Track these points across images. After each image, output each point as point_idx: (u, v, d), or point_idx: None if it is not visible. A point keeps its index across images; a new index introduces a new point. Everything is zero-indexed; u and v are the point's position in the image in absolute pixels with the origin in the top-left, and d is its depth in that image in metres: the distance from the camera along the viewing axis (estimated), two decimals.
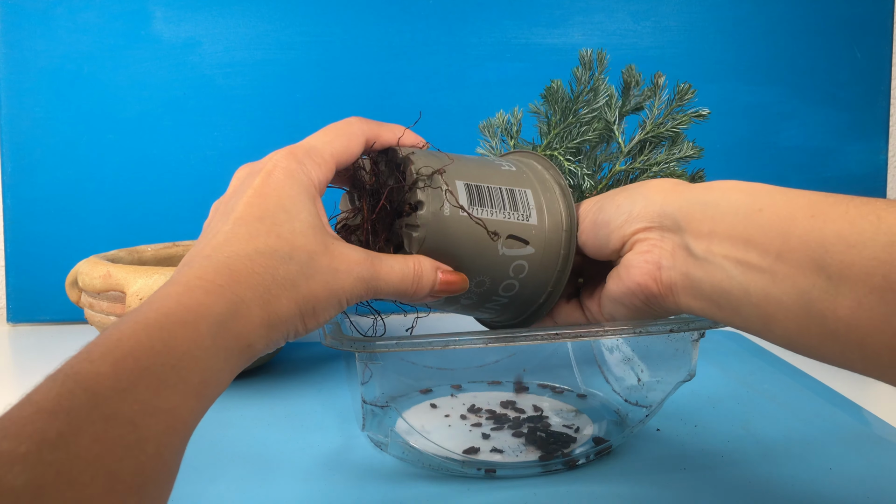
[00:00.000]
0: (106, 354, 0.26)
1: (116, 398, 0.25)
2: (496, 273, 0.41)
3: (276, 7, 0.87)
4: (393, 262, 0.37)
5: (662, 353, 0.50)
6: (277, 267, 0.32)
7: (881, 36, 0.94)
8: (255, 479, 0.47)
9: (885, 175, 0.95)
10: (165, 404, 0.26)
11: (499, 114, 0.60)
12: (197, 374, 0.28)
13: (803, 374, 0.66)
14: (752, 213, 0.34)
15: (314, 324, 0.34)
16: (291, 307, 0.32)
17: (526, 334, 0.42)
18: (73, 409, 0.24)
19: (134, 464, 0.24)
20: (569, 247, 0.42)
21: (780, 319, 0.32)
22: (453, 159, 0.41)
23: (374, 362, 0.43)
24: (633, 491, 0.45)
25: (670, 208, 0.37)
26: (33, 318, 0.87)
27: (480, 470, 0.47)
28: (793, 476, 0.47)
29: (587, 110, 0.56)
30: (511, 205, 0.40)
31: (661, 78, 0.58)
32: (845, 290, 0.29)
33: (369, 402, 0.45)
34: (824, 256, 0.30)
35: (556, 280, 0.42)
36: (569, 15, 0.90)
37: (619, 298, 0.40)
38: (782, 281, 0.31)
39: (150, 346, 0.27)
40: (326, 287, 0.34)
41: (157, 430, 0.25)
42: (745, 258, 0.33)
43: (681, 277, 0.36)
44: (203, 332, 0.28)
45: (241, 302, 0.30)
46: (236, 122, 0.87)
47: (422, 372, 0.61)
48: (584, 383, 0.61)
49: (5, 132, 0.85)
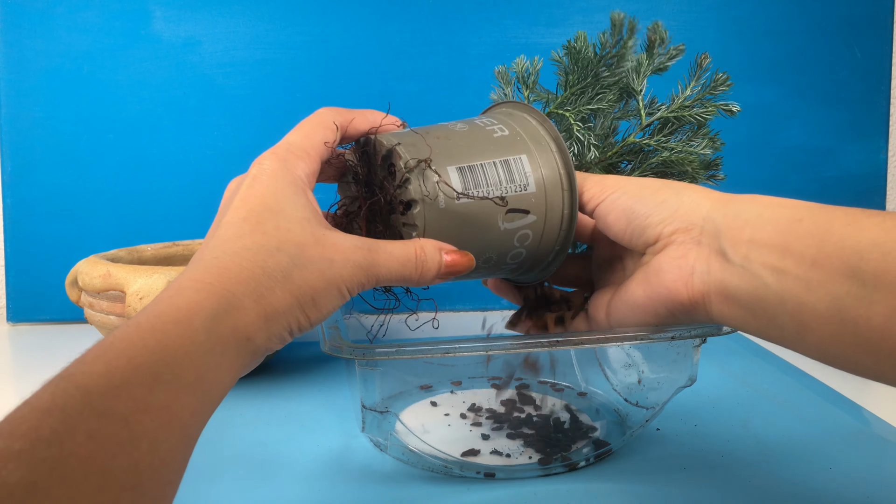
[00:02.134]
0: (99, 356, 0.26)
1: (109, 395, 0.25)
2: (502, 246, 0.40)
3: (276, 7, 0.87)
4: (392, 248, 0.36)
5: (664, 356, 0.50)
6: (266, 259, 0.32)
7: (881, 35, 0.94)
8: (255, 480, 0.47)
9: (885, 175, 0.95)
10: (159, 401, 0.26)
11: (518, 59, 0.57)
12: (192, 371, 0.28)
13: (803, 374, 0.66)
14: (792, 222, 0.34)
15: (317, 315, 0.34)
16: (287, 298, 0.32)
17: (527, 342, 0.42)
18: (66, 406, 0.24)
19: (127, 461, 0.24)
20: (571, 206, 0.41)
21: (813, 328, 0.32)
22: (441, 138, 0.40)
23: (373, 368, 0.43)
24: (633, 490, 0.45)
25: (716, 214, 0.37)
26: (33, 317, 0.87)
27: (479, 473, 0.47)
28: (793, 476, 0.47)
29: (609, 73, 0.54)
30: (507, 177, 0.39)
31: (707, 60, 0.55)
32: (879, 298, 0.29)
33: (369, 406, 0.45)
34: (859, 263, 0.30)
35: (563, 238, 0.42)
36: (568, 14, 0.90)
37: (644, 304, 0.39)
38: (816, 288, 0.31)
39: (143, 344, 0.27)
40: (322, 276, 0.33)
41: (150, 427, 0.25)
42: (781, 265, 0.33)
43: (715, 285, 0.36)
44: (196, 327, 0.28)
45: (233, 296, 0.30)
46: (236, 121, 0.87)
47: (422, 368, 0.61)
48: (584, 381, 0.61)
49: (5, 132, 0.85)
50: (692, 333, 0.44)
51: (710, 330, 0.44)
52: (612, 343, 0.43)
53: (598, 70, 0.54)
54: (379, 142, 0.39)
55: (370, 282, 0.36)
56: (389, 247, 0.36)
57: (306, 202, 0.35)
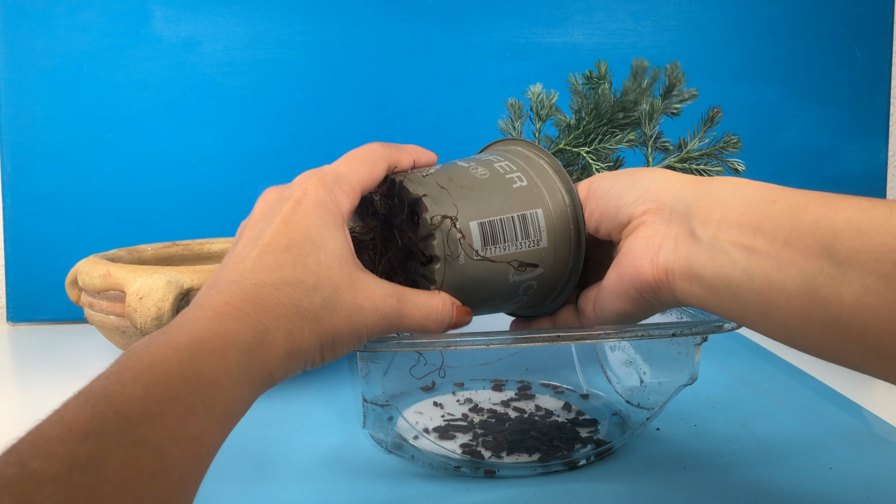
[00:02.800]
0: (137, 378, 0.27)
1: (147, 424, 0.25)
2: (506, 296, 0.42)
3: (276, 6, 0.87)
4: (417, 300, 0.37)
5: (665, 356, 0.50)
6: (302, 298, 0.32)
7: (881, 35, 0.94)
8: (255, 479, 0.47)
9: (884, 174, 0.95)
10: (191, 432, 0.27)
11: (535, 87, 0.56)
12: (222, 404, 0.28)
13: (803, 374, 0.66)
14: (764, 203, 0.34)
15: (332, 356, 0.34)
16: (312, 339, 0.33)
17: (527, 336, 0.42)
18: (104, 432, 0.24)
19: (159, 490, 0.25)
20: (577, 259, 0.42)
21: (781, 307, 0.32)
22: (464, 188, 0.40)
23: (375, 361, 0.43)
24: (633, 490, 0.45)
25: (686, 193, 0.37)
26: (33, 317, 0.87)
27: (479, 470, 0.47)
28: (793, 476, 0.47)
29: (624, 116, 0.54)
30: (523, 234, 0.41)
31: (718, 115, 0.55)
32: (853, 276, 0.29)
33: (370, 400, 0.45)
34: (833, 242, 0.30)
35: (564, 286, 0.44)
36: (569, 14, 0.90)
37: (615, 288, 0.39)
38: (788, 266, 0.31)
39: (181, 371, 0.27)
40: (349, 323, 0.34)
41: (182, 459, 0.26)
42: (752, 244, 0.33)
43: (680, 262, 0.36)
44: (231, 361, 0.29)
45: (267, 331, 0.31)
46: (236, 121, 0.87)
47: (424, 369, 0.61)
48: (586, 383, 0.61)
49: (5, 132, 0.85)
50: (693, 330, 0.44)
51: (711, 328, 0.44)
52: (611, 339, 0.43)
53: (615, 115, 0.54)
54: (405, 189, 0.40)
55: (391, 330, 0.37)
56: (416, 298, 0.37)
57: (345, 240, 0.36)
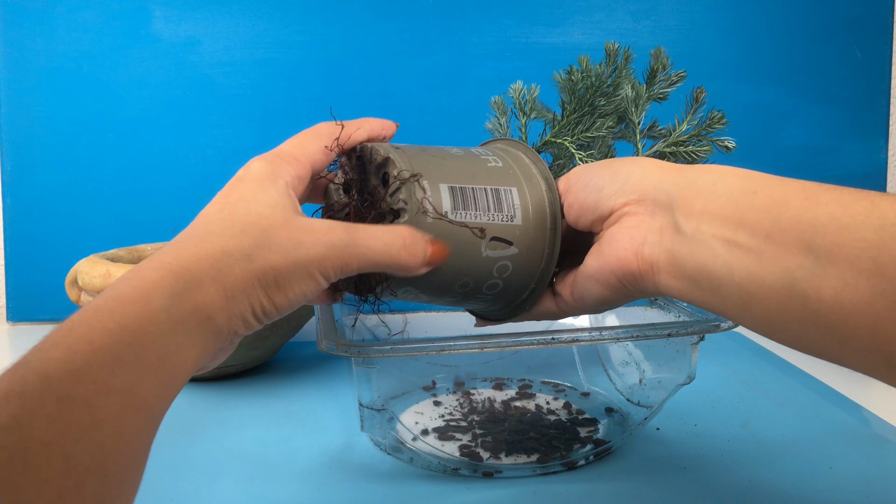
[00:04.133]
0: (58, 342, 0.26)
1: (70, 379, 0.25)
2: (480, 274, 0.40)
3: (276, 6, 0.87)
4: (374, 230, 0.36)
5: (663, 354, 0.50)
6: (227, 241, 0.32)
7: (881, 35, 0.94)
8: (255, 479, 0.47)
9: (884, 174, 0.95)
10: (121, 383, 0.26)
11: (516, 84, 0.57)
12: (153, 351, 0.27)
13: (803, 374, 0.66)
14: (746, 194, 0.33)
15: (283, 299, 0.33)
16: (248, 277, 0.32)
17: (521, 339, 0.42)
18: (25, 392, 0.24)
19: (91, 445, 0.24)
20: (553, 245, 0.42)
21: (760, 300, 0.32)
22: (437, 157, 0.40)
23: (369, 367, 0.43)
24: (633, 490, 0.45)
25: (667, 184, 0.37)
26: (33, 317, 0.87)
27: (478, 472, 0.47)
28: (793, 475, 0.47)
29: (605, 103, 0.54)
30: (496, 206, 0.40)
31: (703, 94, 0.55)
32: (832, 271, 0.29)
33: (366, 405, 0.45)
34: (814, 237, 0.30)
35: (540, 276, 0.42)
36: (569, 14, 0.90)
37: (596, 275, 0.39)
38: (769, 261, 0.31)
39: (102, 327, 0.27)
40: (287, 257, 0.32)
41: (113, 410, 0.25)
42: (733, 238, 0.33)
43: (664, 254, 0.36)
44: (155, 306, 0.28)
45: (191, 274, 0.30)
46: (236, 121, 0.87)
47: (425, 368, 0.61)
48: (587, 381, 0.61)
49: (5, 132, 0.85)
50: (689, 330, 0.44)
51: (707, 327, 0.44)
52: (606, 341, 0.43)
53: (595, 100, 0.54)
54: (375, 150, 0.40)
55: (350, 264, 0.34)
56: (371, 229, 0.35)
57: (285, 195, 0.35)
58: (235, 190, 0.35)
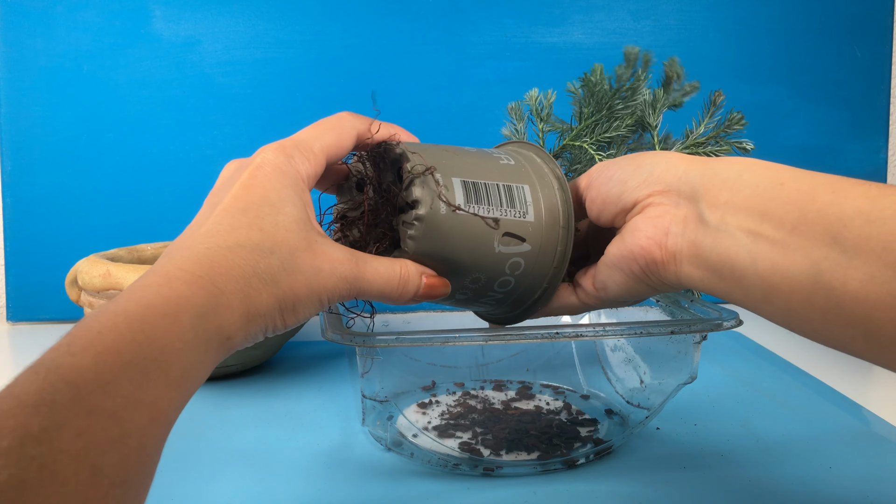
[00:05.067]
0: (87, 347, 0.26)
1: (99, 392, 0.25)
2: (492, 270, 0.40)
3: (276, 6, 0.87)
4: (378, 265, 0.37)
5: (664, 355, 0.50)
6: (258, 260, 0.32)
7: (881, 34, 0.94)
8: (255, 478, 0.47)
9: (885, 174, 0.95)
10: (147, 397, 0.26)
11: (532, 91, 0.58)
12: (178, 367, 0.28)
13: (803, 373, 0.66)
14: (772, 186, 0.33)
15: (293, 320, 0.34)
16: (271, 302, 0.32)
17: (525, 333, 0.42)
18: (55, 402, 0.24)
19: (117, 457, 0.24)
20: (566, 243, 0.42)
21: (783, 291, 0.32)
22: (450, 153, 0.40)
23: (374, 357, 0.43)
24: (633, 490, 0.45)
25: (691, 175, 0.37)
26: (33, 316, 0.87)
27: (478, 468, 0.47)
28: (793, 475, 0.47)
29: (623, 106, 0.55)
30: (508, 202, 0.40)
31: (721, 98, 0.56)
32: (858, 264, 0.29)
33: (369, 396, 0.45)
34: (842, 230, 0.30)
35: (552, 276, 0.42)
36: (569, 14, 0.90)
37: (618, 263, 0.39)
38: (794, 252, 0.31)
39: (132, 338, 0.27)
40: (308, 285, 0.33)
41: (140, 424, 0.25)
42: (758, 229, 0.33)
43: (688, 245, 0.36)
44: (184, 324, 0.28)
45: (222, 294, 0.30)
46: (236, 121, 0.87)
47: (425, 369, 0.61)
48: (586, 383, 0.61)
49: (5, 131, 0.85)
50: (692, 328, 0.44)
51: (710, 326, 0.44)
52: (609, 337, 0.43)
53: (613, 103, 0.54)
54: (391, 146, 0.40)
55: (351, 294, 0.36)
56: (376, 263, 0.37)
57: (303, 204, 0.35)
58: (257, 185, 0.34)
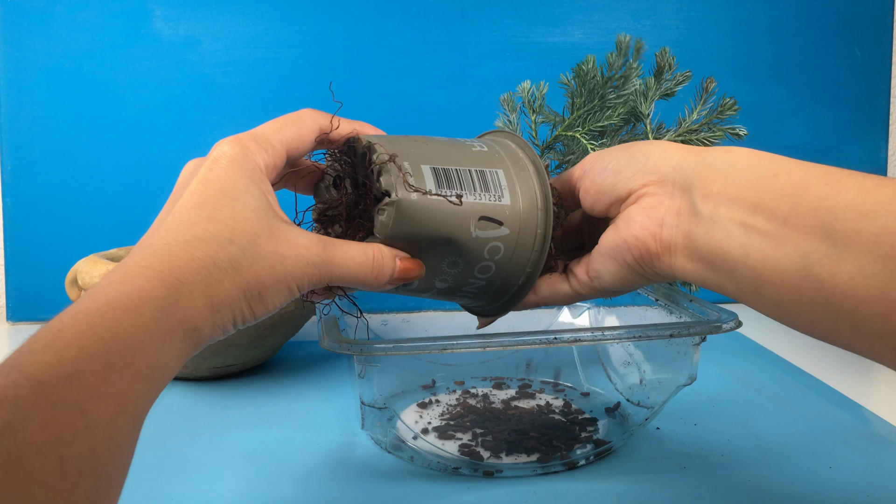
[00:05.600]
0: (48, 345, 0.26)
1: (62, 385, 0.25)
2: (470, 255, 0.40)
3: (276, 5, 0.87)
4: (348, 249, 0.36)
5: (664, 354, 0.50)
6: (218, 250, 0.32)
7: (881, 34, 0.94)
8: (255, 479, 0.47)
9: (884, 174, 0.95)
10: (112, 388, 0.26)
11: (524, 83, 0.58)
12: (143, 359, 0.28)
13: (803, 373, 0.66)
14: (766, 177, 0.33)
15: (262, 309, 0.34)
16: (235, 291, 0.32)
17: (524, 339, 0.42)
18: (18, 398, 0.24)
19: (85, 448, 0.24)
20: (545, 225, 0.41)
21: (774, 283, 0.32)
22: (420, 142, 0.40)
23: (372, 364, 0.43)
24: (633, 490, 0.45)
25: (686, 165, 0.37)
26: (33, 316, 0.87)
27: (478, 471, 0.47)
28: (793, 475, 0.47)
29: (615, 95, 0.55)
30: (482, 186, 0.40)
31: (712, 84, 0.56)
32: (848, 257, 0.29)
33: (368, 403, 0.45)
34: (833, 223, 0.30)
35: (534, 261, 0.41)
36: (569, 13, 0.90)
37: (612, 252, 0.39)
38: (785, 244, 0.31)
39: (93, 333, 0.27)
40: (272, 272, 0.33)
41: (106, 414, 0.26)
42: (750, 221, 0.33)
43: (682, 237, 0.36)
44: (147, 316, 0.28)
45: (183, 286, 0.30)
46: (236, 120, 0.87)
47: (425, 367, 0.61)
48: (587, 381, 0.61)
49: (5, 131, 0.85)
50: (691, 331, 0.44)
51: (710, 328, 0.44)
52: (608, 341, 0.43)
53: (605, 92, 0.54)
54: (358, 139, 0.40)
55: (323, 280, 0.35)
56: (346, 247, 0.36)
57: (263, 193, 0.35)
58: (214, 178, 0.34)
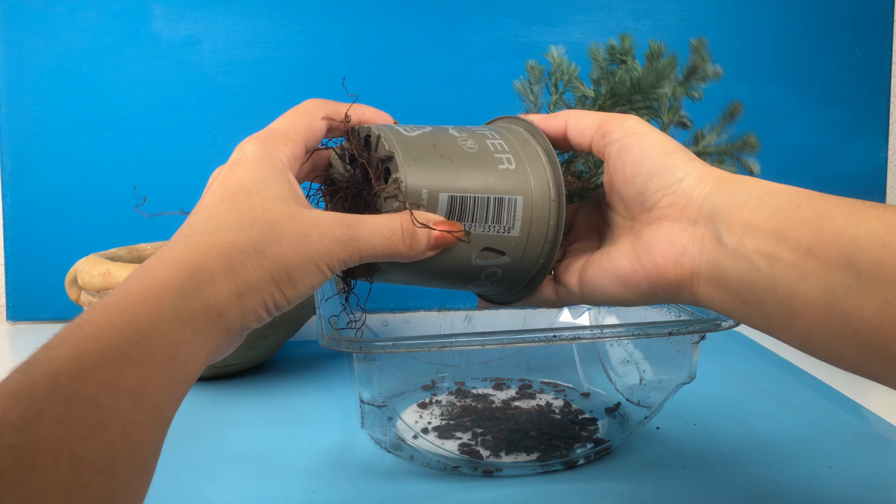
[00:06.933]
0: (65, 340, 0.26)
1: (77, 378, 0.24)
2: (466, 278, 0.40)
3: (276, 5, 0.87)
4: (375, 222, 0.35)
5: (664, 354, 0.50)
6: (238, 235, 0.32)
7: (881, 34, 0.94)
8: (255, 478, 0.47)
9: (884, 173, 0.95)
10: (129, 382, 0.26)
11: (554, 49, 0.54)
12: (162, 350, 0.27)
13: (803, 373, 0.66)
14: (790, 208, 0.33)
15: (294, 292, 0.33)
16: (261, 273, 0.31)
17: (523, 337, 0.42)
18: (33, 392, 0.24)
19: (99, 444, 0.24)
20: (550, 255, 0.40)
21: (802, 316, 0.31)
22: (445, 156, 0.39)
23: (372, 363, 0.43)
24: (633, 489, 0.45)
25: (717, 195, 0.36)
26: (33, 316, 0.87)
27: (478, 470, 0.47)
28: (793, 475, 0.47)
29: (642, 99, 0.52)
30: (495, 217, 0.39)
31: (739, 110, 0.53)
32: (873, 290, 0.29)
33: (367, 401, 0.45)
34: (856, 254, 0.29)
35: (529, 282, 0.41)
36: (569, 13, 0.90)
37: (627, 278, 0.38)
38: (809, 276, 0.31)
39: (111, 325, 0.26)
40: (297, 252, 0.32)
41: (122, 409, 0.25)
42: (775, 252, 0.32)
43: (707, 265, 0.35)
44: (165, 304, 0.28)
45: (203, 272, 0.30)
46: (236, 120, 0.87)
47: (425, 368, 0.61)
48: (587, 381, 0.61)
49: (5, 131, 0.85)
50: (689, 329, 0.44)
51: (709, 326, 0.44)
52: (608, 339, 0.43)
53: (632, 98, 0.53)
54: (382, 144, 0.39)
55: (352, 257, 0.34)
56: (372, 220, 0.35)
57: (285, 182, 0.35)
58: (234, 176, 0.34)
